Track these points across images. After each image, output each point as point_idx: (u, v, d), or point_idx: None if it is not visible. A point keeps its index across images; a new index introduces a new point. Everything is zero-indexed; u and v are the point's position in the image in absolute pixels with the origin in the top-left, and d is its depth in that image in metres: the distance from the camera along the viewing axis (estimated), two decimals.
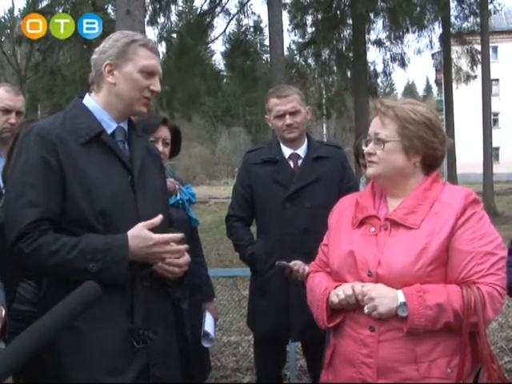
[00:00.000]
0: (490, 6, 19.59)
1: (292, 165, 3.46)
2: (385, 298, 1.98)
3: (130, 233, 2.08)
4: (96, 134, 2.15)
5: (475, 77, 21.44)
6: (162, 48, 18.22)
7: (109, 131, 2.22)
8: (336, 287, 2.11)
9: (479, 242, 2.00)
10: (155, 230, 2.12)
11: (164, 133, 3.07)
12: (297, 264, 2.96)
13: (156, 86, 2.25)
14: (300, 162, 3.46)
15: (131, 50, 2.21)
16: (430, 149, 2.11)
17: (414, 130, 2.08)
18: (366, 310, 1.99)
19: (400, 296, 1.97)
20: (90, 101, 2.26)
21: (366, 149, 2.17)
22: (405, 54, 20.51)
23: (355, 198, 2.29)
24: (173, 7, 18.58)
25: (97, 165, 2.13)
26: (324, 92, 21.69)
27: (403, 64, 20.62)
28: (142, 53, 2.22)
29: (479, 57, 20.69)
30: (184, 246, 2.21)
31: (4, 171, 2.77)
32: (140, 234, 2.08)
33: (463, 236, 2.01)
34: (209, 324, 3.29)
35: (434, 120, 2.13)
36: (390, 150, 2.09)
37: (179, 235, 2.17)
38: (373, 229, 2.12)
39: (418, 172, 2.15)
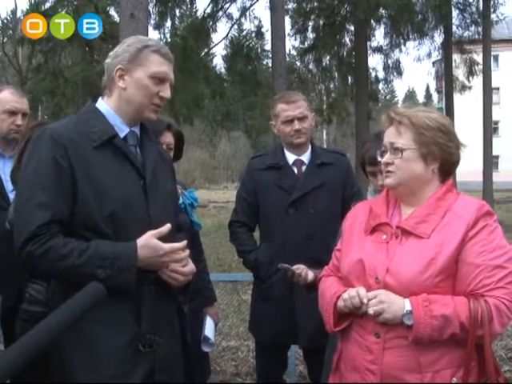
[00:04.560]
0: (492, 16, 19.59)
1: (296, 171, 3.47)
2: (394, 304, 1.99)
3: (140, 242, 2.09)
4: (109, 137, 2.16)
5: (470, 87, 21.45)
6: None
7: (121, 135, 2.22)
8: (345, 292, 2.12)
9: (489, 255, 2.00)
10: (164, 236, 2.13)
11: (168, 138, 3.07)
12: (299, 268, 2.96)
13: (166, 92, 2.25)
14: (304, 168, 3.47)
15: (143, 56, 2.21)
16: (447, 154, 2.12)
17: (431, 136, 2.08)
18: (371, 311, 1.99)
19: (407, 304, 1.98)
20: (103, 105, 2.26)
21: (382, 159, 2.17)
22: (400, 62, 20.59)
23: (369, 204, 2.31)
24: (177, 11, 18.62)
25: (109, 168, 2.13)
26: (325, 98, 21.72)
27: (399, 72, 20.69)
28: (153, 59, 2.22)
29: (477, 67, 20.72)
30: (187, 252, 2.22)
31: (13, 173, 2.78)
32: (149, 243, 2.09)
33: (473, 248, 2.01)
34: (209, 328, 3.28)
35: (448, 125, 2.14)
36: (408, 158, 2.10)
37: (184, 242, 2.18)
38: (384, 236, 2.13)
39: (435, 179, 2.15)
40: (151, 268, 2.14)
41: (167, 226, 2.12)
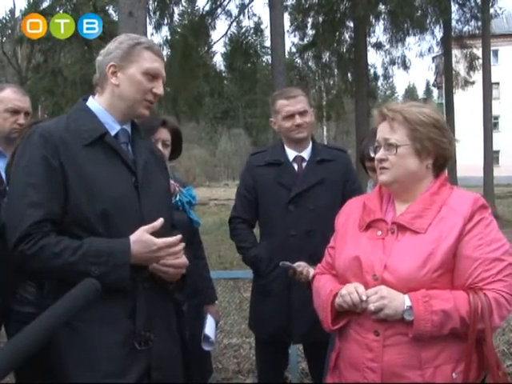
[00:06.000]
0: (491, 10, 19.56)
1: (296, 167, 3.45)
2: (394, 299, 1.97)
3: (132, 237, 2.08)
4: (99, 135, 2.15)
5: (473, 82, 21.43)
6: (165, 50, 18.23)
7: (112, 133, 2.22)
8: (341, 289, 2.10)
9: (487, 248, 1.99)
10: (158, 232, 2.11)
11: (163, 134, 3.04)
12: (301, 265, 2.94)
13: (159, 89, 2.26)
14: (304, 164, 3.45)
15: (136, 53, 2.22)
16: (441, 149, 2.11)
17: (425, 132, 2.07)
18: (372, 307, 1.97)
19: (406, 300, 1.96)
20: (94, 103, 2.26)
21: (376, 156, 2.15)
22: (405, 56, 20.58)
23: (362, 200, 2.28)
24: (175, 8, 18.60)
25: (100, 166, 2.13)
26: (325, 94, 21.70)
27: (405, 66, 20.67)
28: (146, 55, 2.23)
29: (478, 62, 20.69)
30: (182, 245, 2.19)
31: (7, 168, 2.78)
32: (141, 238, 2.08)
33: (471, 242, 2.00)
34: (209, 327, 3.27)
35: (441, 120, 2.13)
36: (403, 154, 2.08)
37: (178, 237, 2.17)
38: (379, 232, 2.11)
39: (429, 175, 2.14)
40: (146, 264, 2.13)
41: (160, 221, 2.11)
